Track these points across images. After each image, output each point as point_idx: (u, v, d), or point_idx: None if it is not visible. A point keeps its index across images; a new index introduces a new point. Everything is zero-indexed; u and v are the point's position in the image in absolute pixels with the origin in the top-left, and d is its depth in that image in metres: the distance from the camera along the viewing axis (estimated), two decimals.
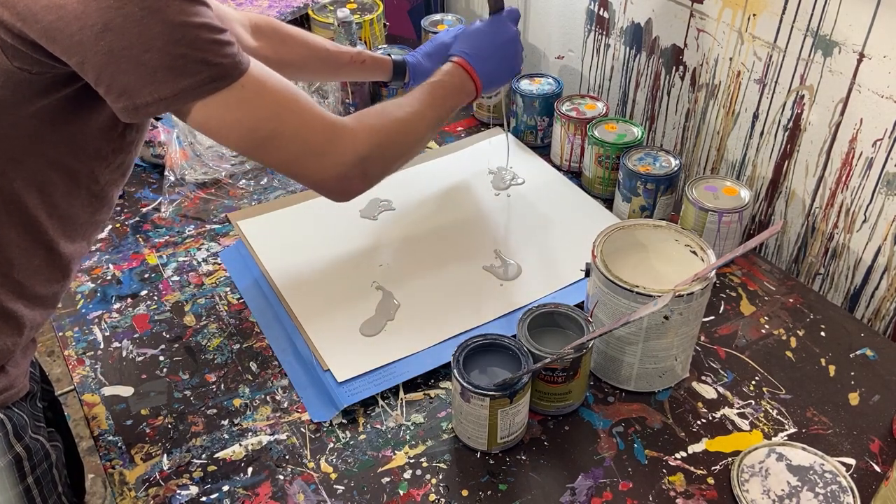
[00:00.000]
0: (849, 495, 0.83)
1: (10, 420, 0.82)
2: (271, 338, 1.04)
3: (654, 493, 0.85)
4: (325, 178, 0.84)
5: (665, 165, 1.19)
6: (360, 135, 0.85)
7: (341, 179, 0.84)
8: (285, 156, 0.81)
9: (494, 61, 1.08)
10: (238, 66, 0.73)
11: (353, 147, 0.84)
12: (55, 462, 0.89)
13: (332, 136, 0.82)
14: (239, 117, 0.76)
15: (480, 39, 1.08)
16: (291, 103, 0.79)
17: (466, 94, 1.05)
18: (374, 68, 1.19)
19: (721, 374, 0.99)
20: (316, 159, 0.82)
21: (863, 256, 1.12)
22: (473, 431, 0.88)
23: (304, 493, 0.86)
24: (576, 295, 1.07)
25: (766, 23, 1.14)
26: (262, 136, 0.78)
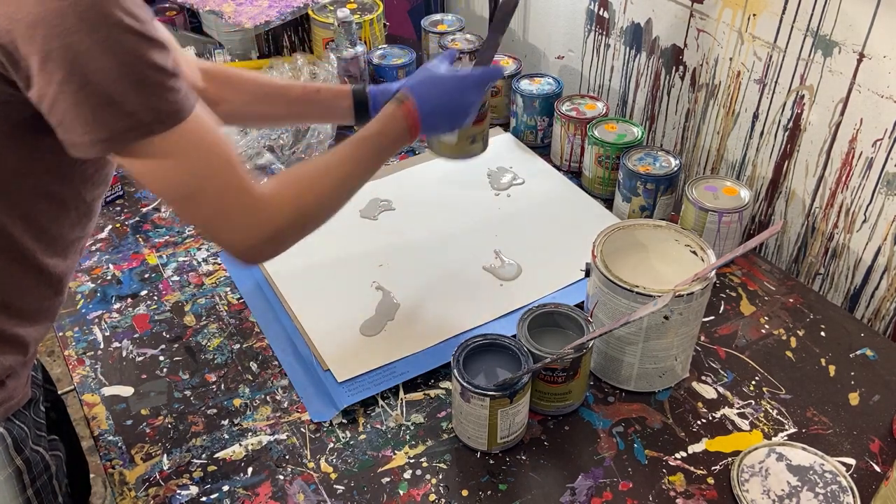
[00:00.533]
0: (849, 495, 0.83)
1: (11, 433, 0.81)
2: (271, 338, 1.04)
3: (654, 493, 0.85)
4: (235, 248, 0.78)
5: (665, 165, 1.19)
6: (281, 209, 0.79)
7: (250, 250, 0.79)
8: (200, 217, 0.76)
9: (443, 123, 0.98)
10: (178, 113, 0.69)
11: (269, 221, 0.78)
12: (55, 473, 0.88)
13: (251, 209, 0.76)
14: (165, 167, 0.71)
15: (439, 91, 0.96)
16: (222, 165, 0.74)
17: (401, 145, 0.96)
18: (330, 100, 1.05)
19: (721, 374, 0.99)
20: (229, 228, 0.77)
21: (863, 256, 1.12)
22: (473, 431, 0.88)
23: (304, 493, 0.86)
24: (576, 295, 1.07)
25: (766, 23, 1.14)
26: (184, 193, 0.73)
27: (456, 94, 0.97)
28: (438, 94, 0.96)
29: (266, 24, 1.49)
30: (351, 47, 1.40)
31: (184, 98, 0.69)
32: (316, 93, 1.05)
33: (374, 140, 0.91)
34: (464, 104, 0.98)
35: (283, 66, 1.44)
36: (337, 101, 1.05)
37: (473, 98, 0.98)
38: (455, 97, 0.97)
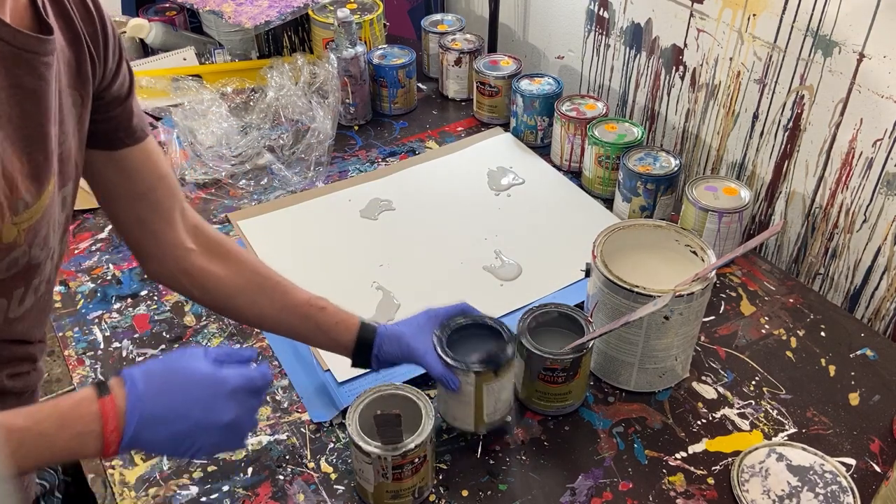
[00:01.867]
0: (849, 495, 0.83)
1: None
2: (271, 338, 1.04)
3: (654, 493, 0.85)
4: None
5: (665, 165, 1.18)
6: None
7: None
8: None
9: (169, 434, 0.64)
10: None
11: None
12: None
13: None
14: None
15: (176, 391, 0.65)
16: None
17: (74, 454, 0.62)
18: (332, 325, 0.86)
19: (721, 374, 0.99)
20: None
21: (863, 256, 1.12)
22: (460, 411, 0.87)
23: (304, 493, 0.86)
24: (576, 295, 1.07)
25: (766, 23, 1.14)
26: None
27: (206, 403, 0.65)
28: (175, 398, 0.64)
29: (266, 24, 1.49)
30: (351, 47, 1.40)
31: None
32: (320, 310, 0.86)
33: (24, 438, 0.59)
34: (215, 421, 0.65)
35: (283, 66, 1.44)
36: (337, 330, 0.87)
37: (231, 414, 0.66)
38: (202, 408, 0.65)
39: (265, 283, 0.86)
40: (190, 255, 0.83)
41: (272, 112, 1.40)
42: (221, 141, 1.33)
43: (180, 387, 0.65)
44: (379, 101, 1.50)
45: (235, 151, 1.34)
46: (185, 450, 0.65)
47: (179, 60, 1.55)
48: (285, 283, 0.87)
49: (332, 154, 1.38)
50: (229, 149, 1.33)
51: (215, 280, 0.84)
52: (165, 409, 0.63)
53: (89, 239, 1.20)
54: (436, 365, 0.84)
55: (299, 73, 1.43)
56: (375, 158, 1.38)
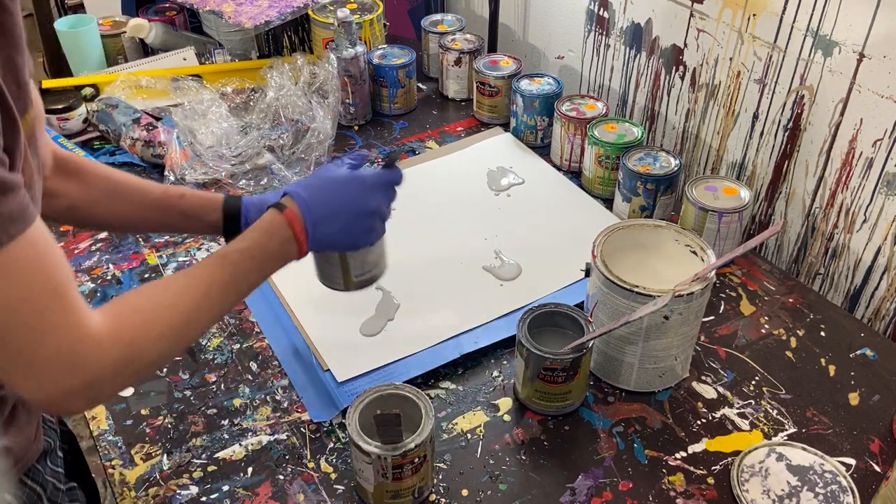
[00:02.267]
0: (849, 495, 0.83)
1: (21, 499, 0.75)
2: (271, 338, 1.04)
3: (654, 493, 0.85)
4: (37, 399, 0.63)
5: (665, 165, 1.19)
6: (107, 353, 0.63)
7: (58, 404, 0.64)
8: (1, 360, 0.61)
9: (337, 233, 0.81)
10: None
11: (90, 369, 0.62)
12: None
13: (71, 358, 0.61)
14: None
15: (332, 194, 0.81)
16: (41, 299, 0.60)
17: (285, 260, 0.80)
18: (195, 209, 0.90)
19: (721, 374, 0.99)
20: (36, 379, 0.61)
21: (863, 256, 1.12)
22: (330, 274, 0.90)
23: (304, 493, 0.86)
24: (576, 295, 1.07)
25: (766, 23, 1.14)
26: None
27: (355, 196, 0.82)
28: (333, 198, 0.81)
29: (266, 24, 1.49)
30: (351, 47, 1.40)
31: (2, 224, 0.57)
32: (178, 198, 0.89)
33: (246, 256, 0.75)
34: (365, 209, 0.82)
35: (283, 66, 1.44)
36: (203, 212, 0.89)
37: (376, 202, 0.83)
38: (353, 200, 0.82)
39: (119, 188, 0.89)
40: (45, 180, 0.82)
41: (272, 112, 1.40)
42: (221, 141, 1.33)
43: (334, 190, 0.81)
44: (379, 101, 1.50)
45: (235, 151, 1.34)
46: (353, 236, 0.83)
47: (179, 60, 1.55)
48: (140, 183, 0.90)
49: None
50: (229, 149, 1.34)
51: (71, 196, 0.86)
52: (329, 207, 0.80)
53: (89, 239, 1.20)
54: None
55: (299, 73, 1.43)
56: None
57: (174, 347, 0.70)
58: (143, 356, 0.66)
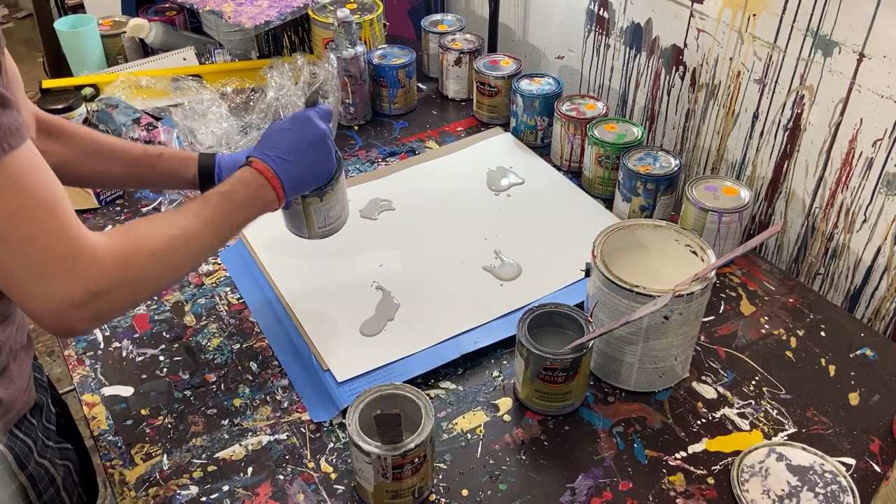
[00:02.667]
0: (849, 495, 0.83)
1: (13, 450, 0.79)
2: (271, 338, 1.04)
3: (654, 493, 0.85)
4: (42, 312, 0.67)
5: (665, 165, 1.19)
6: (106, 265, 0.68)
7: (61, 318, 0.67)
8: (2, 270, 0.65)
9: (301, 164, 0.91)
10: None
11: (90, 280, 0.67)
12: (62, 485, 0.87)
13: (71, 265, 0.66)
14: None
15: (284, 139, 0.91)
16: (38, 211, 0.64)
17: (265, 203, 0.88)
18: (173, 166, 0.99)
19: (721, 374, 0.99)
20: (38, 287, 0.65)
21: (863, 256, 1.12)
22: (296, 225, 1.01)
23: (304, 493, 0.86)
24: (576, 295, 1.07)
25: (766, 23, 1.14)
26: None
27: (302, 131, 0.92)
28: (286, 139, 0.91)
29: (266, 24, 1.49)
30: (351, 47, 1.40)
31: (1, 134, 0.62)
32: (158, 157, 0.98)
33: (225, 198, 0.84)
34: (315, 137, 0.92)
35: (283, 66, 1.44)
36: (180, 169, 0.98)
37: (320, 129, 0.93)
38: (302, 134, 0.92)
39: (101, 148, 0.96)
40: None
41: (272, 112, 1.40)
42: (221, 141, 1.33)
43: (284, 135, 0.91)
44: (379, 101, 1.50)
45: None
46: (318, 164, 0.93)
47: (179, 60, 1.55)
48: (119, 143, 0.98)
49: None
50: (229, 149, 1.33)
51: (56, 155, 0.92)
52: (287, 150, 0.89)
53: None
54: None
55: (299, 73, 1.43)
56: (375, 158, 1.38)
57: (168, 269, 0.76)
58: (138, 271, 0.72)
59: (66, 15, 1.82)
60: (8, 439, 0.79)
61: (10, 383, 0.80)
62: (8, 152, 0.62)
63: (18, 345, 0.83)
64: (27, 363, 0.85)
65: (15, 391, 0.80)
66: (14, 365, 0.81)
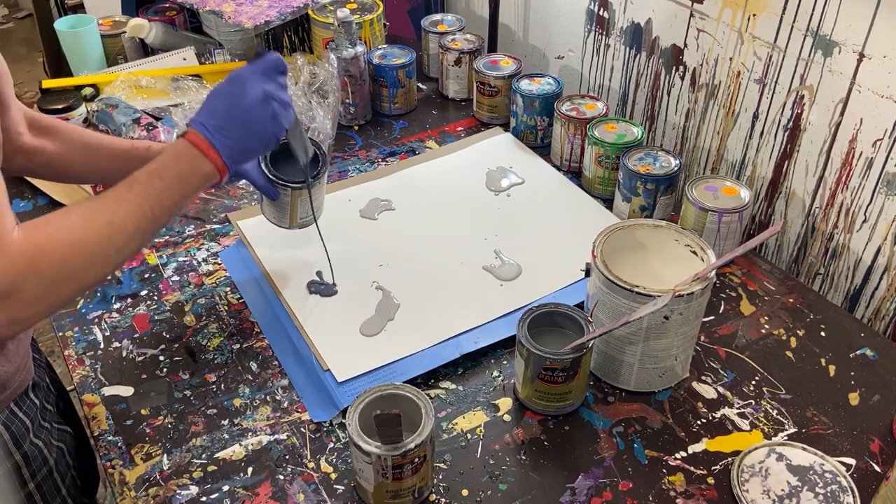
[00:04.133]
0: (849, 495, 0.83)
1: (9, 428, 0.80)
2: (271, 338, 1.04)
3: (654, 493, 0.85)
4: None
5: (665, 165, 1.19)
6: (15, 261, 0.64)
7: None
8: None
9: (240, 130, 0.83)
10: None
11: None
12: (55, 466, 0.87)
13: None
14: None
15: (220, 102, 0.83)
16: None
17: (203, 177, 0.81)
18: None
19: (721, 374, 0.99)
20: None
21: (863, 256, 1.12)
22: (277, 215, 1.06)
23: (304, 493, 0.86)
24: (576, 295, 1.07)
25: (766, 23, 1.14)
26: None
27: (237, 92, 0.83)
28: (221, 104, 0.83)
29: (266, 24, 1.49)
30: (351, 47, 1.40)
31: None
32: (145, 150, 0.96)
33: (154, 176, 0.77)
34: (251, 98, 0.83)
35: None
36: None
37: (260, 88, 0.84)
38: (237, 96, 0.83)
39: (91, 144, 0.97)
40: (21, 137, 0.92)
41: None
42: None
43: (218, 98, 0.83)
44: (379, 101, 1.50)
45: None
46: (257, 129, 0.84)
47: (179, 60, 1.55)
48: (108, 139, 0.99)
49: (332, 154, 1.38)
50: None
51: (48, 153, 0.95)
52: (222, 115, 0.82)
53: None
54: (260, 179, 1.01)
55: (299, 73, 1.43)
56: (375, 158, 1.38)
57: (88, 266, 0.70)
58: (52, 267, 0.66)
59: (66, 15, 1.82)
60: (6, 417, 0.80)
61: (6, 361, 0.80)
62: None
63: None
64: (25, 341, 0.86)
65: (11, 369, 0.81)
66: (11, 343, 0.81)
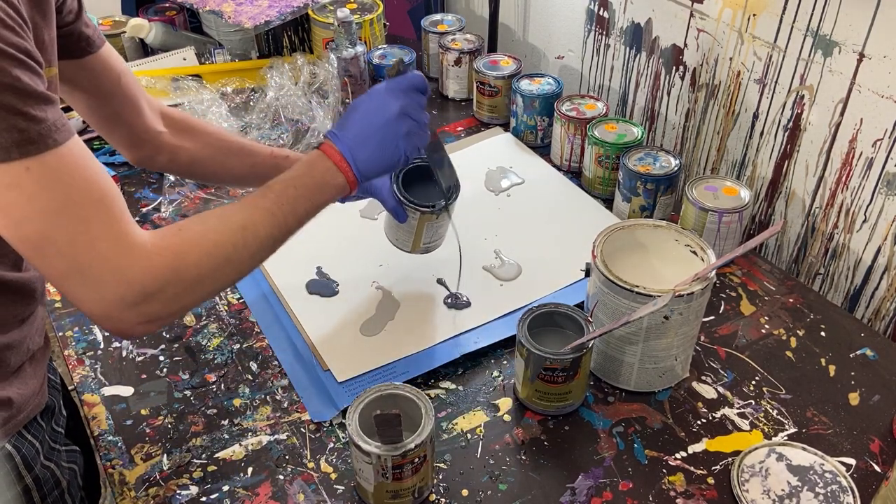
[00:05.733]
0: (849, 495, 0.83)
1: (20, 451, 0.79)
2: (271, 338, 1.04)
3: (654, 493, 0.85)
4: (94, 314, 0.66)
5: (665, 165, 1.19)
6: (155, 264, 0.66)
7: (115, 319, 0.66)
8: (51, 270, 0.64)
9: (373, 143, 0.84)
10: (28, 144, 0.60)
11: (138, 281, 0.65)
12: (67, 488, 0.86)
13: (118, 265, 0.64)
14: (6, 202, 0.61)
15: (355, 117, 0.84)
16: (82, 209, 0.63)
17: (334, 188, 0.82)
18: None
19: (721, 374, 0.99)
20: (86, 288, 0.64)
21: (863, 256, 1.12)
22: (402, 238, 1.05)
23: (304, 493, 0.86)
24: (576, 295, 1.07)
25: (766, 23, 1.14)
26: (27, 236, 0.63)
27: (374, 108, 0.84)
28: (356, 118, 0.84)
29: (266, 24, 1.49)
30: (351, 47, 1.40)
31: (47, 129, 0.61)
32: (284, 159, 0.99)
33: (289, 185, 0.79)
34: (387, 114, 0.84)
35: (283, 65, 1.44)
36: None
37: (396, 105, 0.84)
38: (374, 112, 0.84)
39: (231, 147, 0.99)
40: (161, 135, 0.96)
41: (272, 112, 1.40)
42: None
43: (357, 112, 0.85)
44: None
45: None
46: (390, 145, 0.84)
47: (179, 60, 1.55)
48: (248, 143, 1.01)
49: None
50: None
51: (188, 152, 0.97)
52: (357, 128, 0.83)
53: None
54: (390, 200, 1.00)
55: (299, 73, 1.43)
56: None
57: (222, 269, 0.72)
58: (190, 271, 0.68)
59: None
60: (16, 440, 0.79)
61: (23, 384, 0.80)
62: (53, 148, 0.61)
63: (35, 345, 0.83)
64: (43, 364, 0.85)
65: (28, 392, 0.80)
66: (29, 367, 0.81)
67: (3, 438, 0.77)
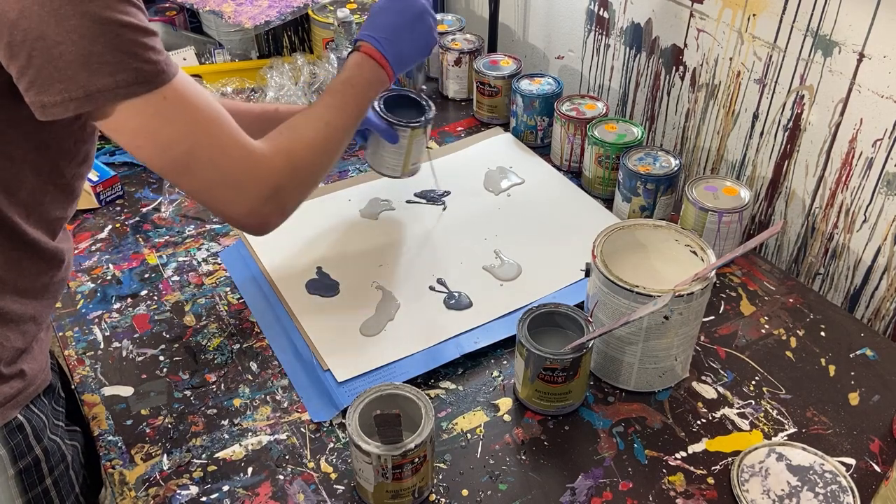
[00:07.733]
0: (849, 495, 0.83)
1: (30, 422, 0.81)
2: (271, 338, 1.04)
3: (654, 493, 0.85)
4: (240, 213, 0.79)
5: (665, 165, 1.19)
6: (276, 162, 0.79)
7: (257, 214, 0.79)
8: (198, 183, 0.75)
9: (405, 41, 0.98)
10: (161, 74, 0.69)
11: (269, 177, 0.78)
12: (71, 463, 0.89)
13: (250, 166, 0.77)
14: (153, 130, 0.70)
15: (386, 18, 0.98)
16: (212, 125, 0.74)
17: (380, 83, 0.97)
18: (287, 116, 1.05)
19: (721, 374, 0.99)
20: (231, 191, 0.77)
21: (863, 256, 1.12)
22: (392, 161, 1.13)
23: (304, 493, 0.86)
24: (576, 295, 1.07)
25: (766, 23, 1.14)
26: (175, 157, 0.73)
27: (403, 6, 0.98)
28: (388, 19, 0.97)
29: (266, 24, 1.49)
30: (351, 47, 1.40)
31: (166, 60, 0.70)
32: (275, 112, 1.05)
33: (347, 85, 0.93)
34: (416, 10, 0.98)
35: (283, 65, 1.44)
36: None
37: (417, 3, 0.99)
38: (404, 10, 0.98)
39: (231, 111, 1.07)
40: None
41: None
42: None
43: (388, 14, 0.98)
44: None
45: None
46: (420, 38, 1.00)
47: (179, 60, 1.55)
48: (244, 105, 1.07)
49: None
50: None
51: None
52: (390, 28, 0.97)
53: (89, 239, 1.20)
54: (379, 123, 1.10)
55: (299, 73, 1.43)
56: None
57: (321, 159, 0.86)
58: (302, 162, 0.82)
59: None
60: (26, 412, 0.82)
61: (33, 359, 0.83)
62: (176, 74, 0.70)
63: (46, 323, 0.86)
64: (47, 342, 0.88)
65: (37, 367, 0.83)
66: (36, 344, 0.84)
67: (15, 409, 0.80)
